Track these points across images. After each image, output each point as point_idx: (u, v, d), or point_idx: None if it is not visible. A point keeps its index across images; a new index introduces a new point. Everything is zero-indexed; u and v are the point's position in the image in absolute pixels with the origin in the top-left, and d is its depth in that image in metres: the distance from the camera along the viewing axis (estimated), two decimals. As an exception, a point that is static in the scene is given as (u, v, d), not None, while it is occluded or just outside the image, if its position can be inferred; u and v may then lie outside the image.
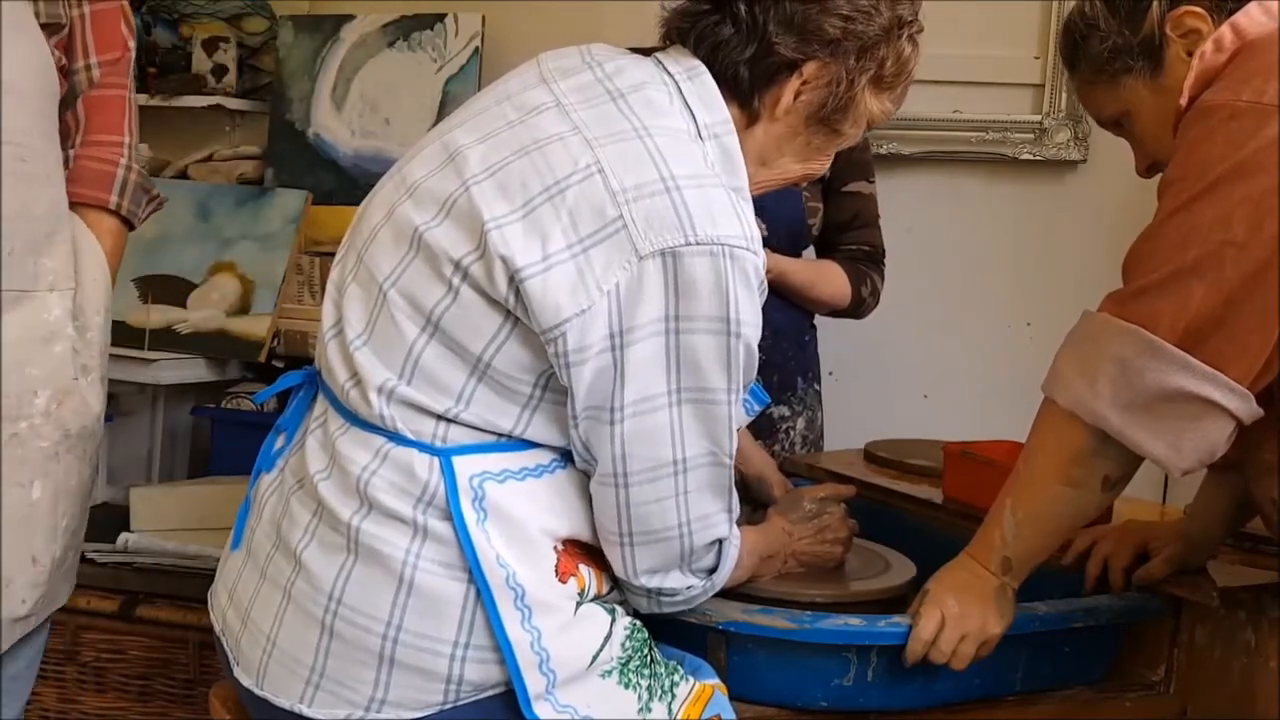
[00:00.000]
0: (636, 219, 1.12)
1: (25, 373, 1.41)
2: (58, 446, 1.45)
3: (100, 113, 1.54)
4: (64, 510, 1.48)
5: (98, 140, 1.54)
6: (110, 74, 1.55)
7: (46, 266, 1.43)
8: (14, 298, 1.39)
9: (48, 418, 1.44)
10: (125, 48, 1.56)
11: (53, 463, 1.45)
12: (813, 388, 2.21)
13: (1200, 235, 1.17)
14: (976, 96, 2.59)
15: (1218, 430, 1.19)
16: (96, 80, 1.54)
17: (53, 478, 1.45)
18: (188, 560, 2.15)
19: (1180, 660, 1.46)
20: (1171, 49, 1.29)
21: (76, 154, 1.53)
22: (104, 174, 1.54)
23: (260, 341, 2.63)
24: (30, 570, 1.44)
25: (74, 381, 1.47)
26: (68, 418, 1.46)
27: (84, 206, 1.53)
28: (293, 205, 2.77)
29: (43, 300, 1.43)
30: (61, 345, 1.45)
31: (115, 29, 1.55)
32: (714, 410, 1.17)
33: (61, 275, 1.45)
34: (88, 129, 1.54)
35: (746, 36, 1.23)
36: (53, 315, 1.44)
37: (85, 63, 1.54)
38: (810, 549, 1.49)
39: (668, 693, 1.25)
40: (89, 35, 1.53)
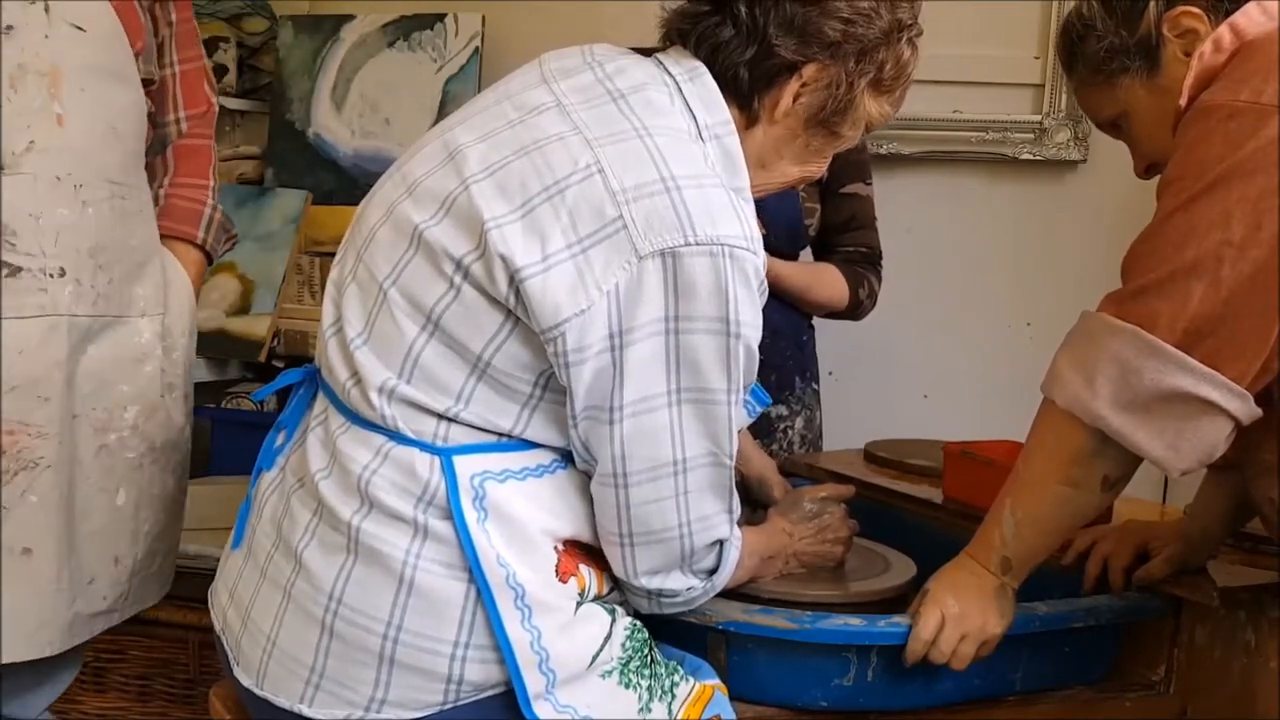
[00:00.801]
0: (636, 219, 1.12)
1: (117, 389, 1.55)
2: (143, 458, 1.59)
3: (190, 159, 1.73)
4: (146, 516, 1.61)
5: (188, 183, 1.73)
6: (197, 126, 1.74)
7: (139, 294, 1.58)
8: (109, 322, 1.54)
9: (135, 431, 1.58)
10: (210, 104, 1.76)
11: (138, 472, 1.59)
12: (811, 387, 2.21)
13: (1199, 235, 1.17)
14: (976, 96, 2.59)
15: (1216, 430, 1.19)
16: (185, 131, 1.73)
17: (137, 485, 1.59)
18: (188, 560, 2.15)
19: (1180, 660, 1.46)
20: (1168, 49, 1.30)
21: (168, 193, 1.71)
22: (193, 212, 1.72)
23: (260, 341, 2.63)
24: (112, 570, 1.57)
25: (160, 399, 1.61)
26: (154, 431, 1.61)
27: (173, 240, 1.70)
28: (293, 205, 2.77)
29: (135, 325, 1.58)
30: (151, 365, 1.60)
31: (200, 87, 1.74)
32: (714, 410, 1.17)
33: (152, 301, 1.61)
34: (177, 171, 1.72)
35: (747, 38, 1.23)
36: (144, 338, 1.59)
37: (175, 116, 1.72)
38: (811, 549, 1.49)
39: (668, 693, 1.25)
40: (179, 92, 1.72)
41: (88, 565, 1.53)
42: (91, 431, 1.53)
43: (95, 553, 1.54)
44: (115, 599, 1.57)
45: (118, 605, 1.58)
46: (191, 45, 1.74)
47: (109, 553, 1.56)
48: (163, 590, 1.69)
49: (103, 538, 1.55)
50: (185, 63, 1.72)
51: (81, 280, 1.48)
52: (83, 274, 1.49)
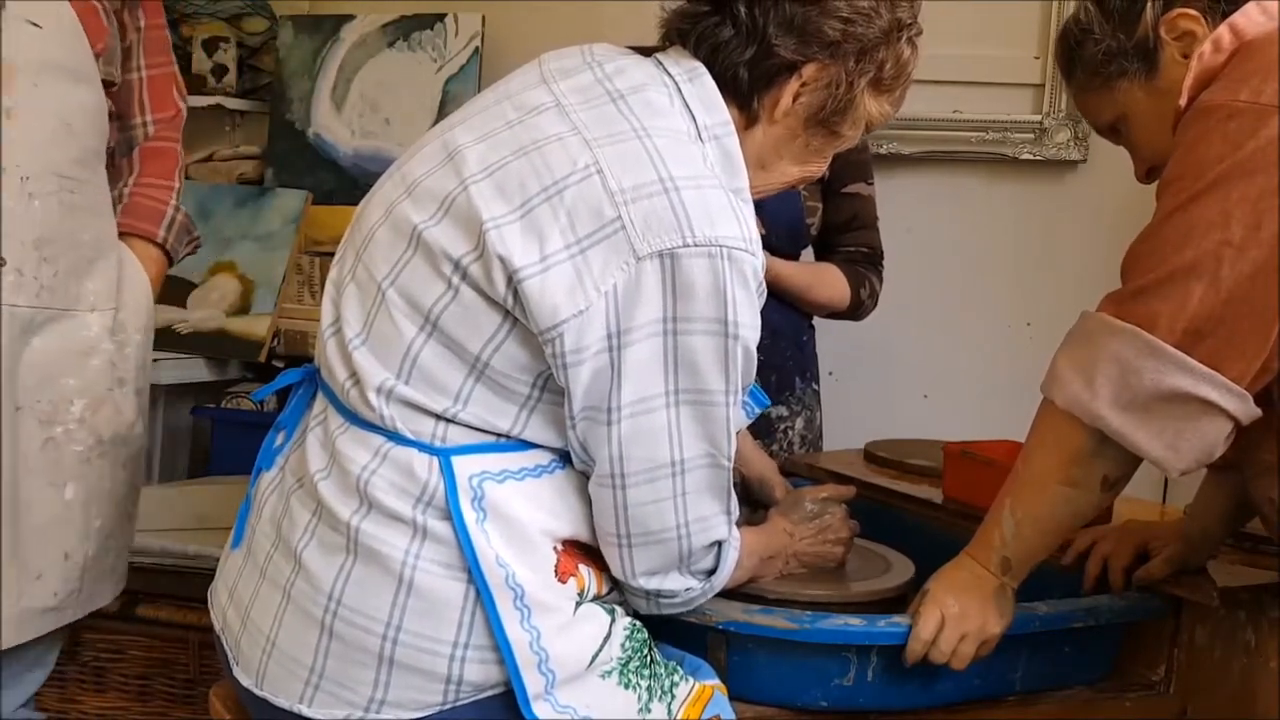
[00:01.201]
0: (635, 220, 1.11)
1: (62, 383, 1.55)
2: (90, 452, 1.59)
3: (156, 161, 1.76)
4: (97, 512, 1.60)
5: (152, 183, 1.75)
6: (165, 129, 1.77)
7: (89, 289, 1.58)
8: (54, 315, 1.54)
9: (82, 424, 1.57)
10: (178, 109, 1.79)
11: (86, 466, 1.58)
12: (811, 388, 2.21)
13: (1198, 235, 1.17)
14: (976, 96, 2.59)
15: (1216, 430, 1.19)
16: (152, 134, 1.75)
17: (86, 480, 1.58)
18: (188, 560, 2.15)
19: (1180, 660, 1.46)
20: (1166, 51, 1.30)
21: (131, 191, 1.73)
22: (156, 211, 1.74)
23: (260, 341, 2.64)
24: (62, 565, 1.56)
25: (108, 392, 1.61)
26: (101, 425, 1.60)
27: (133, 237, 1.71)
28: (293, 205, 2.77)
29: (83, 319, 1.57)
30: (99, 359, 1.59)
31: (169, 93, 1.77)
32: (712, 412, 1.17)
33: (103, 296, 1.60)
34: (143, 172, 1.75)
35: (746, 38, 1.23)
36: (91, 332, 1.59)
37: (143, 119, 1.75)
38: (811, 549, 1.49)
39: (667, 693, 1.25)
40: (146, 96, 1.74)
41: (35, 560, 1.53)
42: (36, 424, 1.52)
43: (42, 548, 1.54)
44: (66, 595, 1.57)
45: (69, 603, 1.58)
46: (160, 51, 1.76)
47: (58, 548, 1.55)
48: (117, 588, 1.69)
49: (50, 532, 1.54)
50: (153, 68, 1.74)
51: (24, 271, 1.48)
52: (25, 265, 1.49)
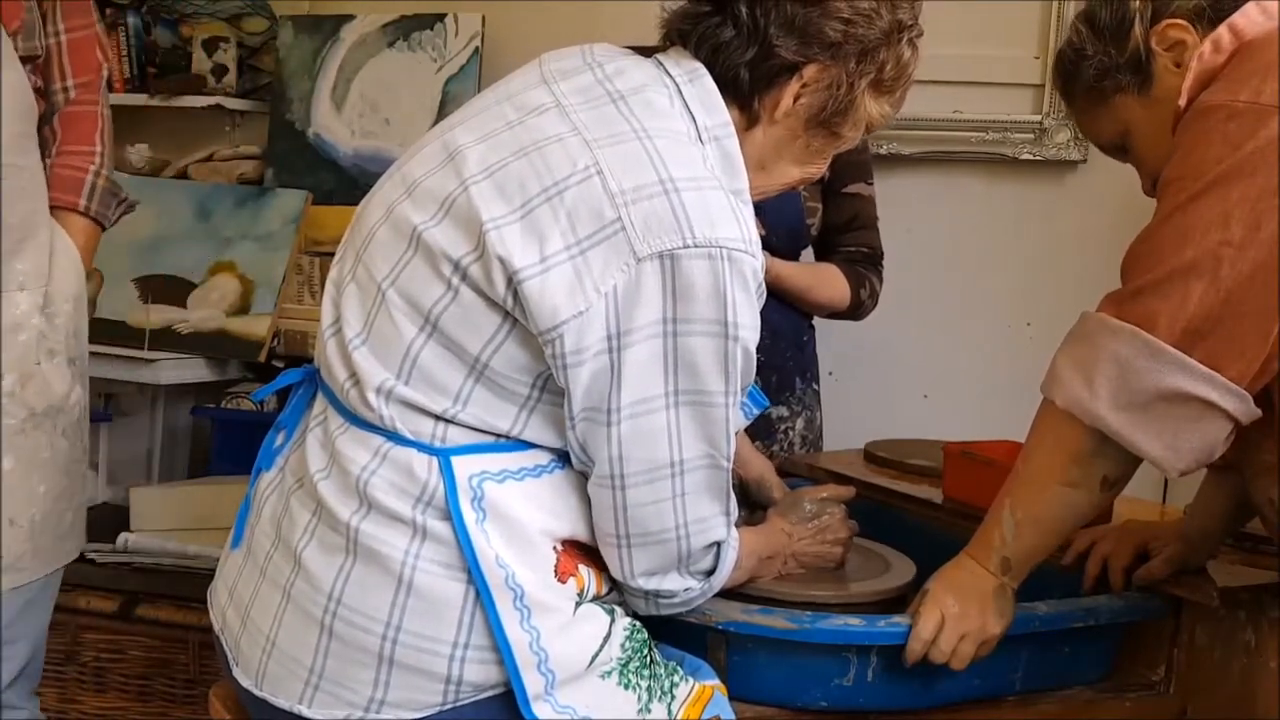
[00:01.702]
0: (635, 221, 1.11)
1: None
2: (24, 424, 1.62)
3: (73, 127, 1.74)
4: (40, 479, 1.65)
5: (71, 150, 1.73)
6: (84, 93, 1.74)
7: (18, 269, 1.60)
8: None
9: (12, 398, 1.61)
10: (98, 71, 1.76)
11: (20, 437, 1.62)
12: (811, 388, 2.21)
13: (1198, 235, 1.17)
14: (976, 96, 2.59)
15: (1215, 431, 1.19)
16: (72, 99, 1.74)
17: (23, 451, 1.63)
18: (188, 560, 2.16)
19: (1180, 660, 1.46)
20: (1159, 62, 1.31)
21: (52, 163, 1.72)
22: (75, 180, 1.73)
23: (260, 341, 2.63)
24: (8, 531, 1.62)
25: (36, 366, 1.64)
26: (31, 398, 1.63)
27: (58, 209, 1.71)
28: (293, 205, 2.77)
29: (12, 298, 1.60)
30: (26, 334, 1.62)
31: (90, 55, 1.75)
32: (711, 413, 1.17)
33: (32, 275, 1.62)
34: (63, 141, 1.73)
35: (747, 39, 1.23)
36: (20, 310, 1.61)
37: (63, 85, 1.73)
38: (810, 550, 1.49)
39: (667, 693, 1.25)
40: (66, 60, 1.72)
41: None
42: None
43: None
44: (19, 556, 1.62)
45: (24, 563, 1.62)
46: (80, 14, 1.73)
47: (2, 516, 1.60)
48: (78, 546, 1.74)
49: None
50: (72, 31, 1.72)
51: None
52: None
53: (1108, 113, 1.36)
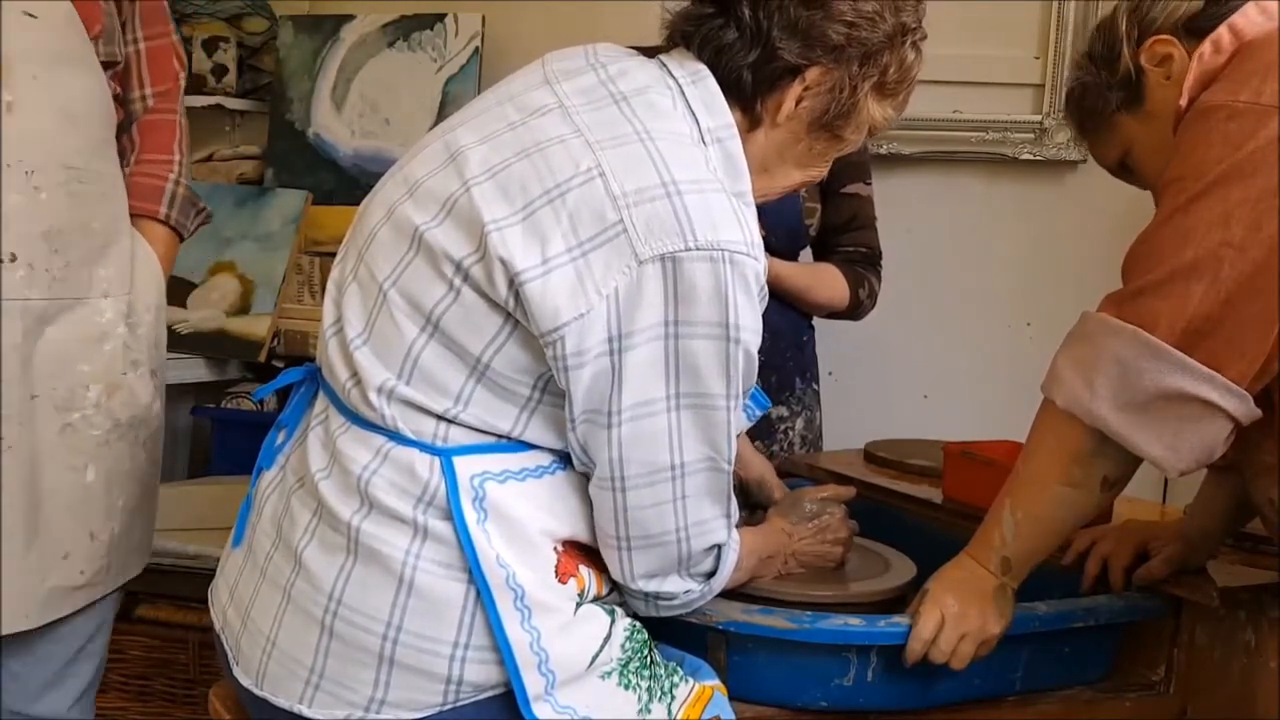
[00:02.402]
0: (636, 223, 1.11)
1: (77, 369, 1.57)
2: (109, 434, 1.61)
3: (153, 135, 1.73)
4: (119, 491, 1.63)
5: (150, 159, 1.73)
6: (162, 101, 1.73)
7: (101, 275, 1.59)
8: (67, 304, 1.55)
9: (99, 409, 1.59)
10: (176, 80, 1.75)
11: (104, 449, 1.60)
12: (811, 388, 2.21)
13: (1199, 236, 1.17)
14: (976, 96, 2.59)
15: (1215, 431, 1.19)
16: (150, 107, 1.73)
17: (105, 462, 1.60)
18: (188, 560, 2.15)
19: (1180, 660, 1.46)
20: (1150, 78, 1.33)
21: (131, 171, 1.71)
22: (155, 188, 1.72)
23: (260, 341, 2.63)
24: (88, 545, 1.59)
25: (123, 376, 1.62)
26: (117, 408, 1.61)
27: (138, 217, 1.70)
28: (293, 205, 2.77)
29: (96, 305, 1.59)
30: (112, 344, 1.60)
31: (168, 63, 1.74)
32: (713, 415, 1.17)
33: (115, 282, 1.61)
34: (141, 149, 1.72)
35: (750, 41, 1.23)
36: (105, 318, 1.60)
37: (141, 93, 1.72)
38: (810, 549, 1.49)
39: (667, 694, 1.25)
40: (144, 69, 1.71)
41: (61, 541, 1.55)
42: (53, 411, 1.54)
43: (68, 529, 1.56)
44: (94, 573, 1.60)
45: (98, 579, 1.61)
46: (158, 22, 1.73)
47: (83, 529, 1.58)
48: (143, 560, 1.73)
49: (74, 514, 1.57)
50: (150, 39, 1.71)
51: (35, 265, 1.49)
52: (35, 258, 1.49)
53: (1110, 135, 1.39)
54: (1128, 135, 1.37)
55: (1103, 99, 1.37)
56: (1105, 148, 1.41)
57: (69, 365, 1.55)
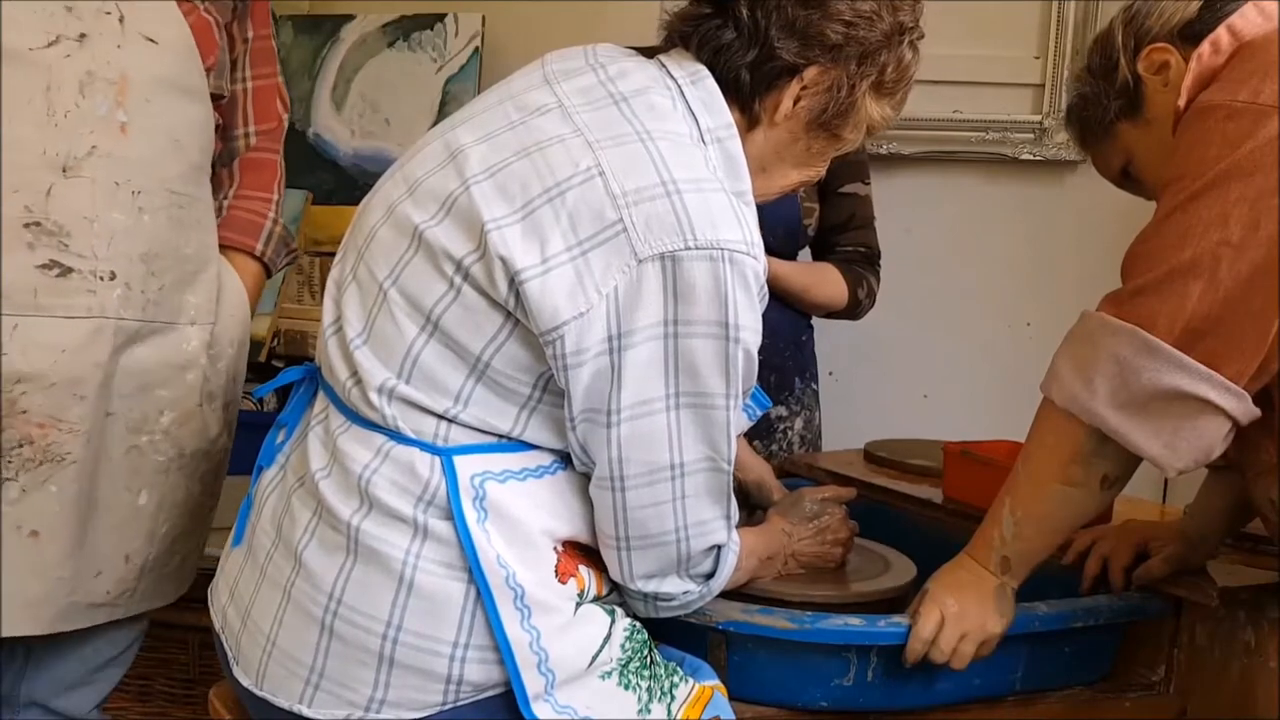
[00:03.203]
0: (636, 222, 1.11)
1: (155, 394, 1.56)
2: (171, 463, 1.60)
3: (255, 172, 1.75)
4: (166, 519, 1.61)
5: (251, 195, 1.74)
6: (265, 140, 1.76)
7: (190, 302, 1.59)
8: (157, 328, 1.55)
9: (167, 436, 1.58)
10: (280, 120, 1.78)
11: (162, 476, 1.59)
12: (810, 387, 2.22)
13: (1197, 235, 1.17)
14: (976, 96, 2.59)
15: (1214, 430, 1.19)
16: (253, 145, 1.75)
17: (160, 489, 1.59)
18: (188, 560, 2.15)
19: (1180, 660, 1.46)
20: (1148, 85, 1.33)
21: (230, 204, 1.72)
22: (254, 224, 1.73)
23: (260, 341, 2.63)
24: (121, 567, 1.58)
25: (198, 407, 1.62)
26: (186, 439, 1.61)
27: (232, 250, 1.71)
28: (293, 205, 2.76)
29: (184, 332, 1.58)
30: (194, 374, 1.60)
31: (273, 103, 1.77)
32: (712, 415, 1.17)
33: (203, 311, 1.61)
34: (242, 184, 1.74)
35: (748, 40, 1.23)
36: (190, 346, 1.59)
37: (244, 130, 1.74)
38: (810, 550, 1.49)
39: (667, 694, 1.25)
40: (250, 107, 1.74)
41: (97, 559, 1.55)
42: (124, 431, 1.54)
43: (108, 548, 1.55)
44: (119, 594, 1.59)
45: (120, 600, 1.60)
46: (267, 62, 1.77)
47: (121, 550, 1.57)
48: (179, 589, 1.71)
49: (118, 535, 1.56)
50: (259, 79, 1.75)
51: (131, 285, 1.50)
52: (133, 279, 1.50)
53: (1111, 144, 1.40)
54: (1128, 144, 1.38)
55: (1102, 109, 1.37)
56: (1107, 157, 1.42)
57: (148, 389, 1.55)
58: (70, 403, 1.47)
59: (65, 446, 1.48)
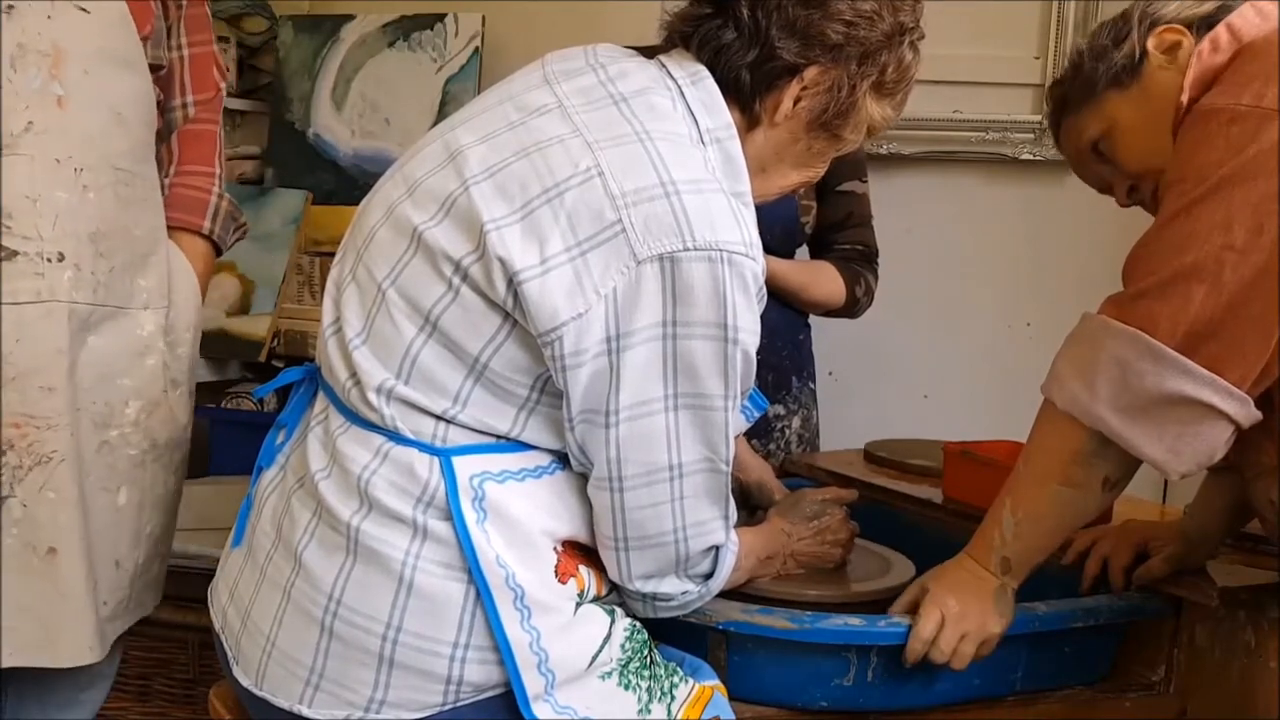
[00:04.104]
0: (635, 223, 1.11)
1: (118, 384, 1.49)
2: (145, 455, 1.53)
3: (195, 145, 1.67)
4: (149, 518, 1.55)
5: (193, 170, 1.66)
6: (204, 110, 1.68)
7: (142, 285, 1.52)
8: (110, 312, 1.47)
9: (137, 427, 1.52)
10: (218, 89, 1.69)
11: (139, 470, 1.53)
12: (807, 386, 2.21)
13: (1200, 239, 1.17)
14: (976, 96, 2.59)
15: (1216, 434, 1.19)
16: (191, 116, 1.67)
17: (140, 485, 1.53)
18: (187, 560, 2.15)
19: (1180, 660, 1.46)
20: (1151, 61, 1.32)
21: (172, 182, 1.64)
22: (199, 201, 1.66)
23: (260, 341, 2.64)
24: (113, 574, 1.51)
25: (163, 394, 1.55)
26: (156, 428, 1.54)
27: (178, 230, 1.63)
28: (293, 205, 2.77)
29: (137, 317, 1.51)
30: (153, 359, 1.53)
31: (209, 72, 1.68)
32: (711, 416, 1.17)
33: (156, 294, 1.54)
34: (182, 159, 1.66)
35: (749, 40, 1.23)
36: (146, 331, 1.52)
37: (182, 100, 1.66)
38: (809, 550, 1.49)
39: (667, 694, 1.25)
40: (187, 76, 1.66)
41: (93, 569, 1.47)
42: (92, 426, 1.46)
43: (98, 555, 1.48)
44: (116, 605, 1.52)
45: (119, 612, 1.53)
46: (202, 29, 1.68)
47: (110, 555, 1.50)
48: (157, 597, 1.64)
49: (105, 539, 1.49)
50: (194, 46, 1.66)
51: (81, 266, 1.42)
52: (82, 260, 1.42)
53: (1093, 111, 1.38)
54: (1111, 113, 1.36)
55: (1093, 77, 1.36)
56: (1084, 125, 1.40)
57: (109, 379, 1.48)
58: (40, 396, 1.39)
59: (48, 444, 1.40)
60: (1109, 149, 1.38)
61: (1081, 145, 1.41)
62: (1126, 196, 1.41)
